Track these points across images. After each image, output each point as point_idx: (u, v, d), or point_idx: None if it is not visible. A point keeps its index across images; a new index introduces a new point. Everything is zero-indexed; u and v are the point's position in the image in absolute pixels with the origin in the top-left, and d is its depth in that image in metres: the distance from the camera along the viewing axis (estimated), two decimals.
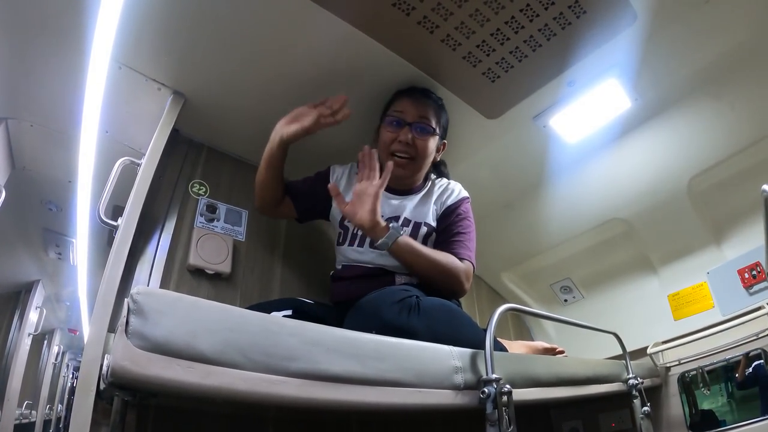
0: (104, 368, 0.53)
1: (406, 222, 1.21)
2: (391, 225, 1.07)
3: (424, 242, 1.18)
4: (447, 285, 1.14)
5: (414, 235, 1.19)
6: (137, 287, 0.54)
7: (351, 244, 1.22)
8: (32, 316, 2.88)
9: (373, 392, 0.66)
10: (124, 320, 0.52)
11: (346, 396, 0.62)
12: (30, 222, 2.18)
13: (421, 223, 1.21)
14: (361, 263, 1.20)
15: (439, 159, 1.33)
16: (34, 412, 3.45)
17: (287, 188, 1.31)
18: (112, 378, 0.50)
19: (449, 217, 1.23)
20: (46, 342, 3.77)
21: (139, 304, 0.52)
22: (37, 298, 2.89)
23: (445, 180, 1.34)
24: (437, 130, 1.25)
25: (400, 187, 1.28)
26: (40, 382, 3.61)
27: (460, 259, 1.16)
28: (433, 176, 1.35)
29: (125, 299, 0.54)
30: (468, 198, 1.29)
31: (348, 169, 1.34)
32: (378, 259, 1.17)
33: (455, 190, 1.29)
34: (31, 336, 2.91)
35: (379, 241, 1.06)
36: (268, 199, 1.28)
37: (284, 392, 0.57)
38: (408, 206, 1.25)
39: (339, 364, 0.63)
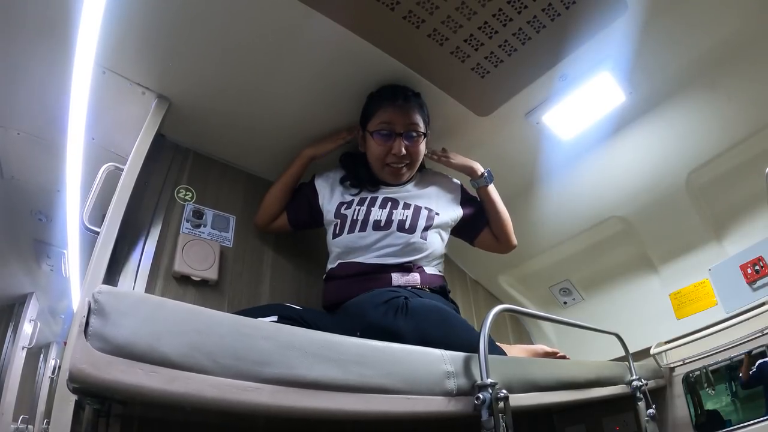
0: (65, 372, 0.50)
1: (407, 206, 1.23)
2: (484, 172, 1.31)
3: (426, 227, 1.21)
4: (510, 232, 1.38)
5: (415, 217, 1.21)
6: (99, 286, 0.51)
7: (351, 231, 1.20)
8: (26, 329, 2.86)
9: (355, 400, 0.62)
10: (84, 321, 0.49)
11: (324, 404, 0.59)
12: (21, 233, 2.16)
13: (421, 207, 1.23)
14: (358, 261, 1.17)
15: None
16: (30, 426, 3.39)
17: (285, 209, 1.36)
18: (70, 382, 0.48)
19: (469, 205, 1.36)
20: (42, 356, 3.74)
21: (100, 304, 0.49)
22: (31, 310, 2.87)
23: (431, 171, 1.40)
24: (426, 130, 1.27)
25: (391, 182, 1.30)
26: (36, 396, 3.56)
27: None
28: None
29: (86, 299, 0.51)
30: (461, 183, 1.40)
31: (331, 174, 1.36)
32: (385, 237, 1.17)
33: (453, 182, 1.38)
34: (26, 349, 2.88)
35: (481, 179, 1.30)
36: (275, 213, 1.35)
37: (256, 400, 0.53)
38: (406, 193, 1.28)
39: (317, 369, 0.59)
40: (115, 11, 1.02)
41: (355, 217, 1.21)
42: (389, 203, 1.23)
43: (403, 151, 1.21)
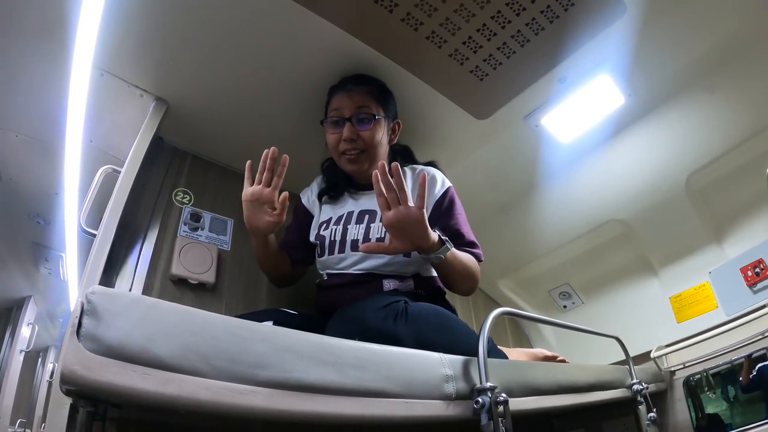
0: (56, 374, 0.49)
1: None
2: (443, 239, 1.00)
3: None
4: (471, 286, 1.13)
5: None
6: (92, 287, 0.50)
7: (331, 253, 1.15)
8: (24, 332, 2.85)
9: (352, 403, 0.61)
10: (77, 321, 0.48)
11: (321, 407, 0.58)
12: (19, 236, 2.16)
13: None
14: (347, 271, 1.14)
15: (395, 141, 1.27)
16: (28, 430, 3.38)
17: (288, 253, 1.25)
18: (62, 384, 0.47)
19: (444, 214, 1.16)
20: (40, 359, 3.73)
21: (93, 305, 0.48)
22: (29, 314, 2.86)
23: (417, 166, 1.26)
24: (381, 114, 1.18)
25: (367, 181, 1.22)
26: (34, 400, 3.54)
27: (475, 257, 1.13)
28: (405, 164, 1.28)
29: (79, 300, 0.50)
30: (452, 186, 1.21)
31: (312, 185, 1.33)
32: (364, 260, 1.12)
33: (437, 181, 1.20)
34: (23, 353, 2.87)
35: (432, 255, 0.99)
36: (284, 268, 1.24)
37: (252, 403, 0.52)
38: None
39: (314, 372, 0.58)
40: (113, 13, 1.02)
41: (333, 238, 1.16)
42: (366, 216, 1.16)
43: (352, 135, 1.14)
